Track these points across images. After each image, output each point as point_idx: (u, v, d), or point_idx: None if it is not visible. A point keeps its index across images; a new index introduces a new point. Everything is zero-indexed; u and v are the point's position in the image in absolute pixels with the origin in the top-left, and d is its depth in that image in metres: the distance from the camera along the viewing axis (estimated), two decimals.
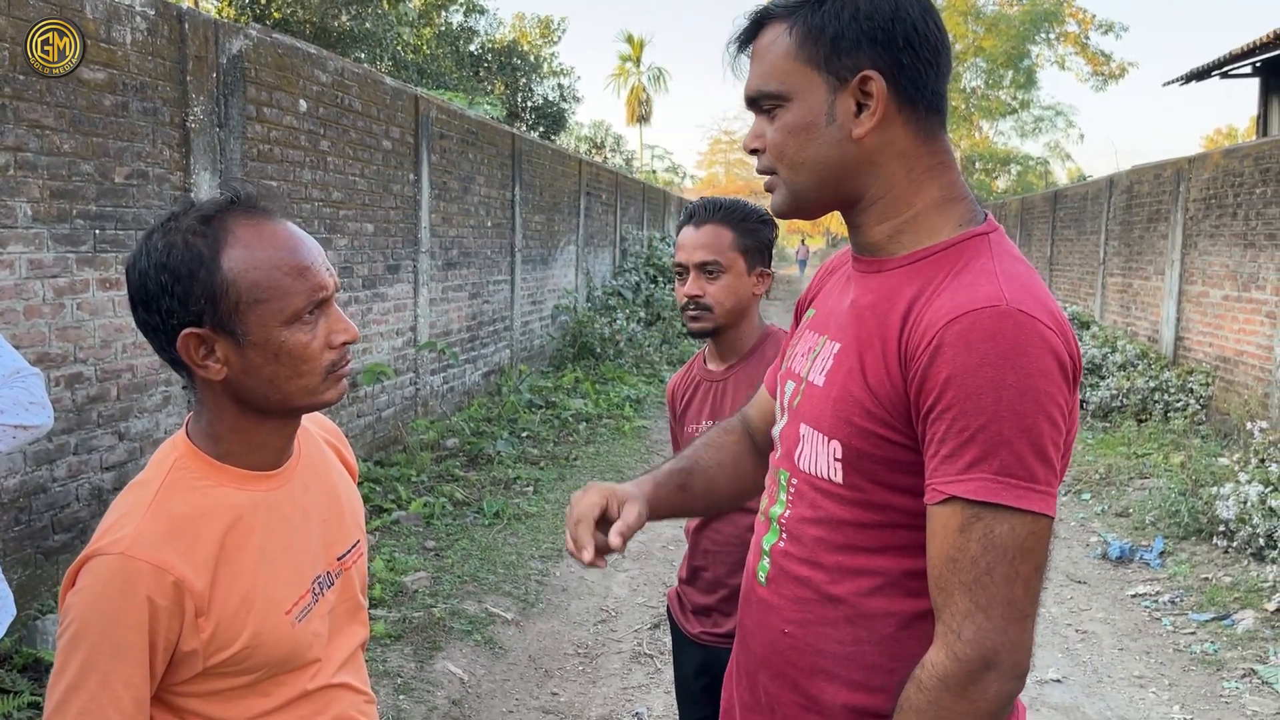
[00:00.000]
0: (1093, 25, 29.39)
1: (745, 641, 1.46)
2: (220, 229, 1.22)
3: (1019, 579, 1.13)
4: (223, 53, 4.94)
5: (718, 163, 61.22)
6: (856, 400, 1.25)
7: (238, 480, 1.30)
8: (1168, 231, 10.64)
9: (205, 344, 1.23)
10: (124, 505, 1.26)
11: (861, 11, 1.23)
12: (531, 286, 10.84)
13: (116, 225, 4.25)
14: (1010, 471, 1.12)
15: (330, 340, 1.28)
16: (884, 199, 1.29)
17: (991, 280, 1.18)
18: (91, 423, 4.17)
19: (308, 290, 1.25)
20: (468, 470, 7.08)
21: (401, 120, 7.26)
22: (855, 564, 1.28)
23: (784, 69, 1.27)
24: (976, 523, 1.13)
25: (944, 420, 1.15)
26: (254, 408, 1.28)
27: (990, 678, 1.14)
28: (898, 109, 1.25)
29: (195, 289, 1.20)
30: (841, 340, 1.32)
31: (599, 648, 4.54)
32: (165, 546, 1.21)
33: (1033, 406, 1.12)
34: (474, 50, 24.22)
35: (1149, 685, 4.26)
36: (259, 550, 1.29)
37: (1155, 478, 7.39)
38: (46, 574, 3.92)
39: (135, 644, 1.19)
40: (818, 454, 1.31)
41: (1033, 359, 1.13)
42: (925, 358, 1.17)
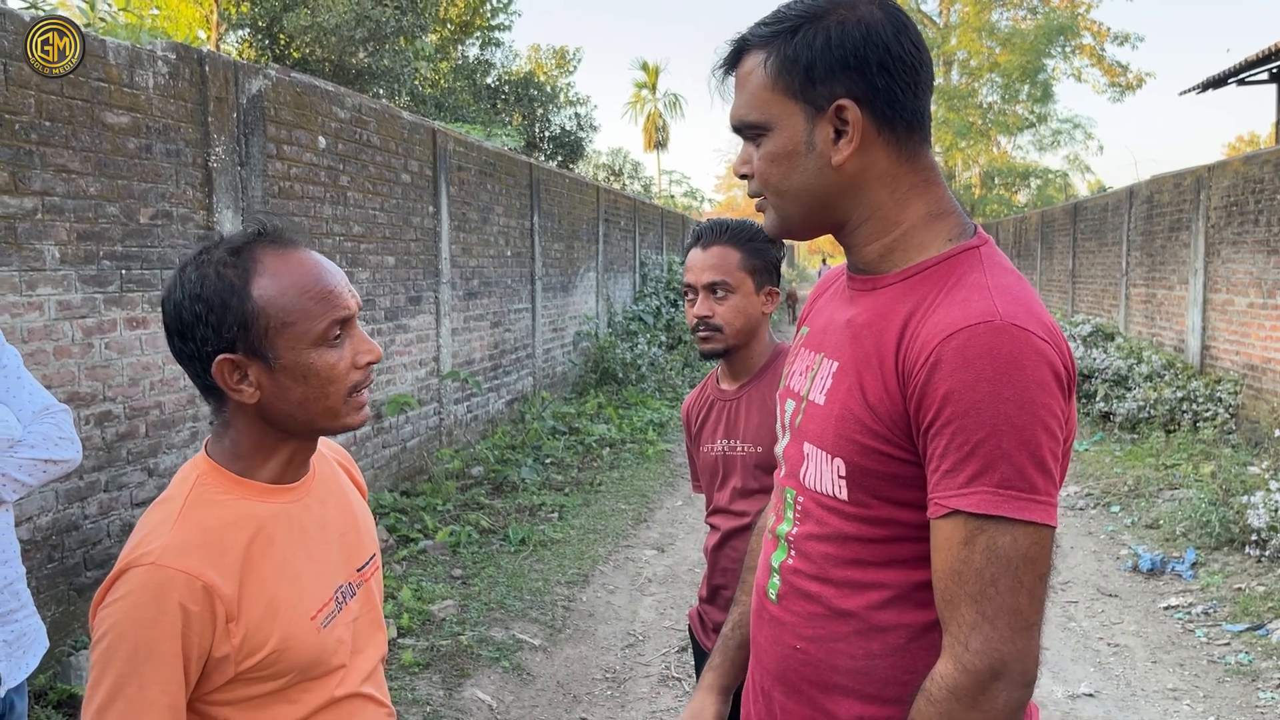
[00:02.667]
0: (1108, 37, 29.34)
1: (759, 658, 1.48)
2: (249, 259, 1.30)
3: (1023, 589, 1.15)
4: (243, 93, 5.04)
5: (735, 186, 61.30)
6: (857, 419, 1.27)
7: (258, 493, 1.35)
8: (1190, 240, 10.57)
9: (239, 369, 1.30)
10: (150, 521, 1.31)
11: (833, 40, 1.24)
12: (552, 314, 10.90)
13: (142, 265, 4.33)
14: (1011, 484, 1.14)
15: (355, 360, 1.34)
16: (870, 220, 1.32)
17: (984, 295, 1.20)
18: (121, 460, 4.23)
19: (332, 314, 1.31)
20: (493, 498, 7.11)
21: (419, 154, 7.35)
22: (864, 578, 1.30)
23: (763, 99, 1.29)
24: (980, 535, 1.15)
25: (944, 435, 1.17)
26: (280, 428, 1.35)
27: (999, 687, 1.16)
28: (876, 132, 1.27)
29: (228, 317, 1.27)
30: (839, 359, 1.34)
31: (627, 672, 4.54)
32: (194, 555, 1.25)
33: (1030, 419, 1.14)
34: (491, 82, 24.49)
35: (1183, 698, 4.21)
36: (281, 558, 1.34)
37: (1185, 488, 7.32)
38: (79, 610, 3.98)
39: (170, 651, 1.22)
40: (822, 472, 1.32)
41: (1028, 372, 1.15)
42: (923, 374, 1.19)
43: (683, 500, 7.64)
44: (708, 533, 2.46)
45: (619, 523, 6.83)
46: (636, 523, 6.92)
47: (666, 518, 7.13)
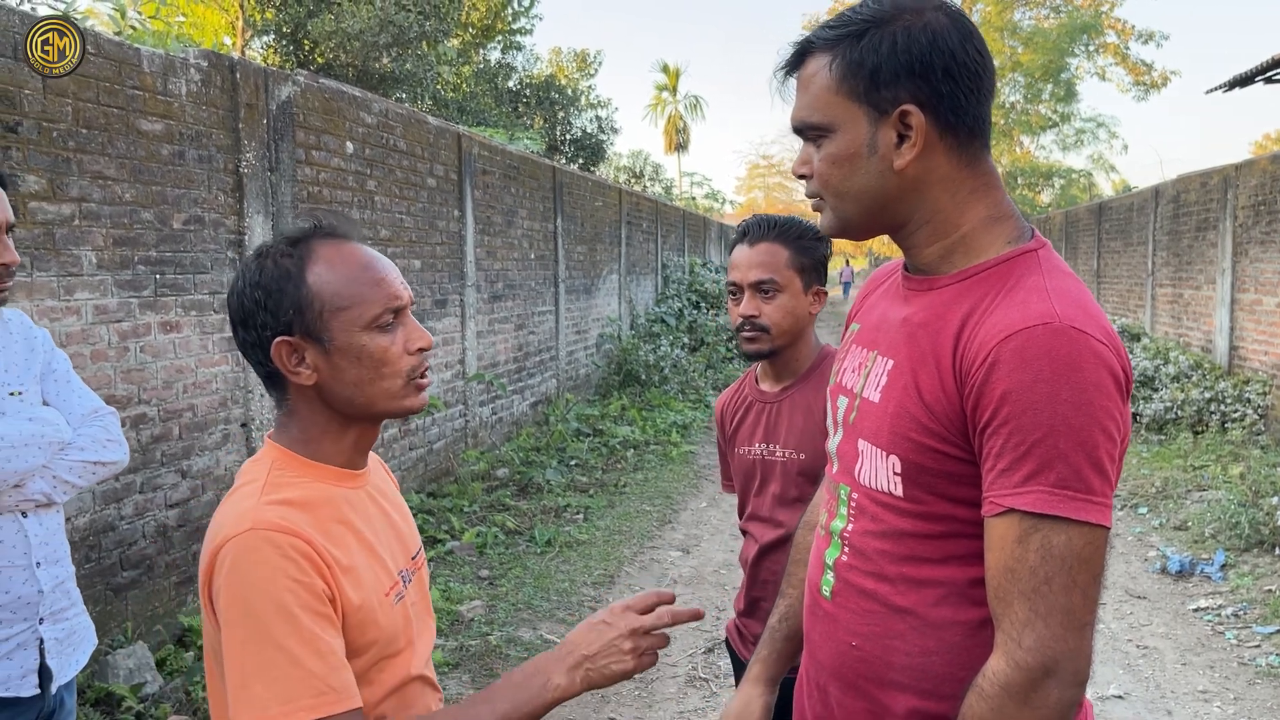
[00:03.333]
0: (1132, 35, 29.11)
1: (813, 654, 1.49)
2: (305, 250, 1.36)
3: (1077, 588, 1.16)
4: (272, 99, 5.10)
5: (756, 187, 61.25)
6: (913, 417, 1.28)
7: (331, 476, 1.39)
8: (1217, 240, 10.49)
9: (296, 351, 1.34)
10: (232, 503, 1.33)
11: (899, 45, 1.25)
12: (575, 316, 10.95)
13: (175, 270, 4.39)
14: (1067, 484, 1.15)
15: (408, 346, 1.38)
16: (930, 222, 1.33)
17: (1043, 297, 1.21)
18: (155, 462, 4.29)
19: (384, 298, 1.36)
20: (518, 499, 7.15)
21: (445, 158, 7.41)
22: (920, 575, 1.31)
23: (826, 101, 1.30)
24: (1034, 534, 1.16)
25: (1000, 435, 1.18)
26: (341, 412, 1.38)
27: (1051, 685, 1.17)
28: (939, 137, 1.28)
29: (284, 301, 1.33)
30: (894, 357, 1.35)
31: (654, 672, 4.56)
32: (287, 519, 1.28)
33: (1088, 420, 1.15)
34: (512, 86, 24.59)
35: (1214, 700, 4.19)
36: (356, 535, 1.37)
37: (1214, 490, 7.26)
38: (116, 610, 4.04)
39: (298, 600, 1.23)
40: (877, 469, 1.34)
41: (1087, 374, 1.16)
42: (981, 374, 1.20)
43: (707, 502, 7.66)
44: (744, 541, 2.40)
45: (644, 524, 6.85)
46: (661, 524, 6.95)
47: (691, 519, 7.15)
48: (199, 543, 4.54)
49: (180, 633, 4.32)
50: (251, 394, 4.92)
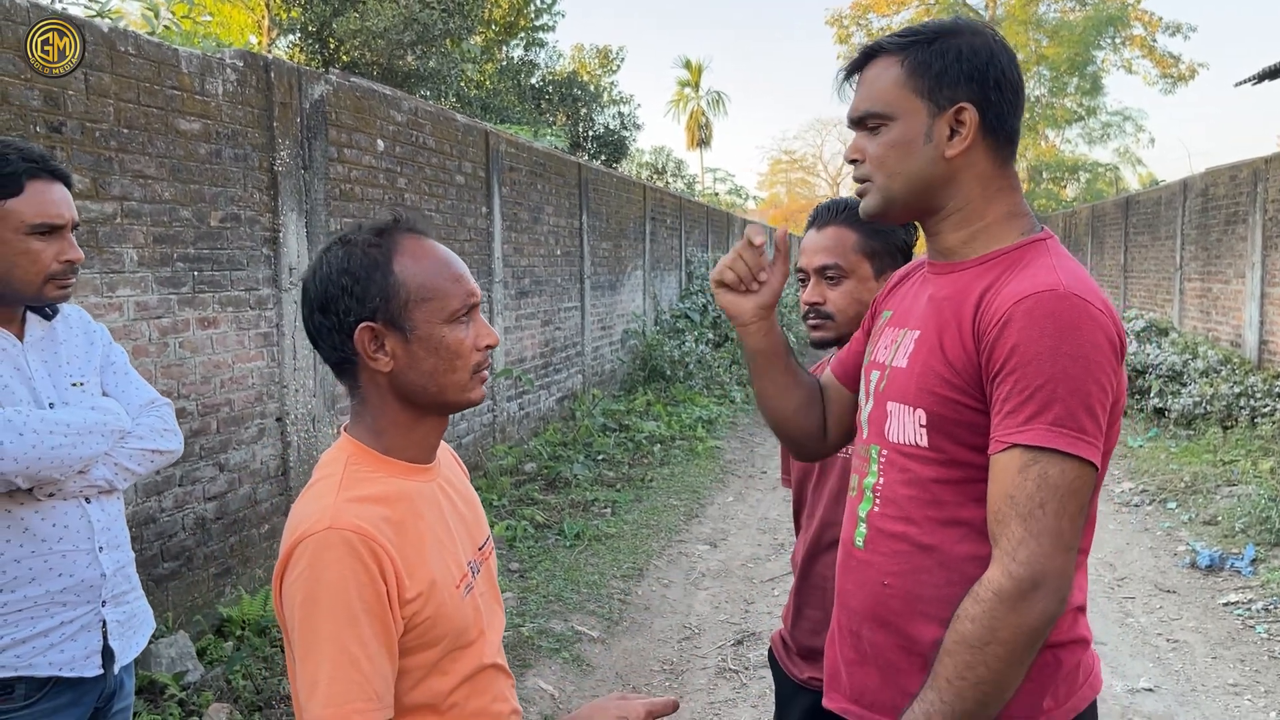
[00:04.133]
0: (1160, 27, 28.87)
1: (845, 603, 1.64)
2: (391, 241, 1.43)
3: (1065, 514, 1.35)
4: (305, 98, 5.18)
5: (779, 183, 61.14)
6: (937, 373, 1.48)
7: (402, 471, 1.45)
8: (1247, 233, 10.42)
9: (378, 338, 1.40)
10: (311, 497, 1.38)
11: (964, 54, 1.48)
12: (601, 312, 11.00)
13: (213, 267, 4.47)
14: (1063, 423, 1.34)
15: (477, 342, 1.45)
16: (961, 211, 1.54)
17: (1051, 272, 1.42)
18: (194, 455, 4.37)
19: (463, 294, 1.44)
20: (546, 494, 7.21)
21: (473, 155, 7.47)
22: (943, 516, 1.49)
23: (892, 94, 1.51)
24: (1034, 465, 1.35)
25: (1008, 382, 1.38)
26: (412, 402, 1.44)
27: (1038, 596, 1.34)
28: (982, 137, 1.50)
29: (372, 289, 1.39)
30: (921, 328, 1.55)
31: (684, 664, 4.61)
32: (362, 519, 1.33)
33: (1084, 373, 1.35)
34: (535, 83, 24.65)
35: (1244, 693, 4.19)
36: (428, 530, 1.43)
37: (1244, 484, 7.23)
38: (157, 600, 4.12)
39: (374, 598, 1.29)
40: (905, 425, 1.52)
41: (1085, 334, 1.36)
42: (996, 330, 1.40)
43: (734, 496, 7.69)
44: (796, 540, 2.29)
45: (671, 518, 6.90)
46: (688, 518, 6.99)
47: (718, 513, 7.19)
48: (236, 535, 4.62)
49: (219, 623, 4.40)
50: (286, 389, 4.99)
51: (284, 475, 5.02)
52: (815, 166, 59.68)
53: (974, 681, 1.36)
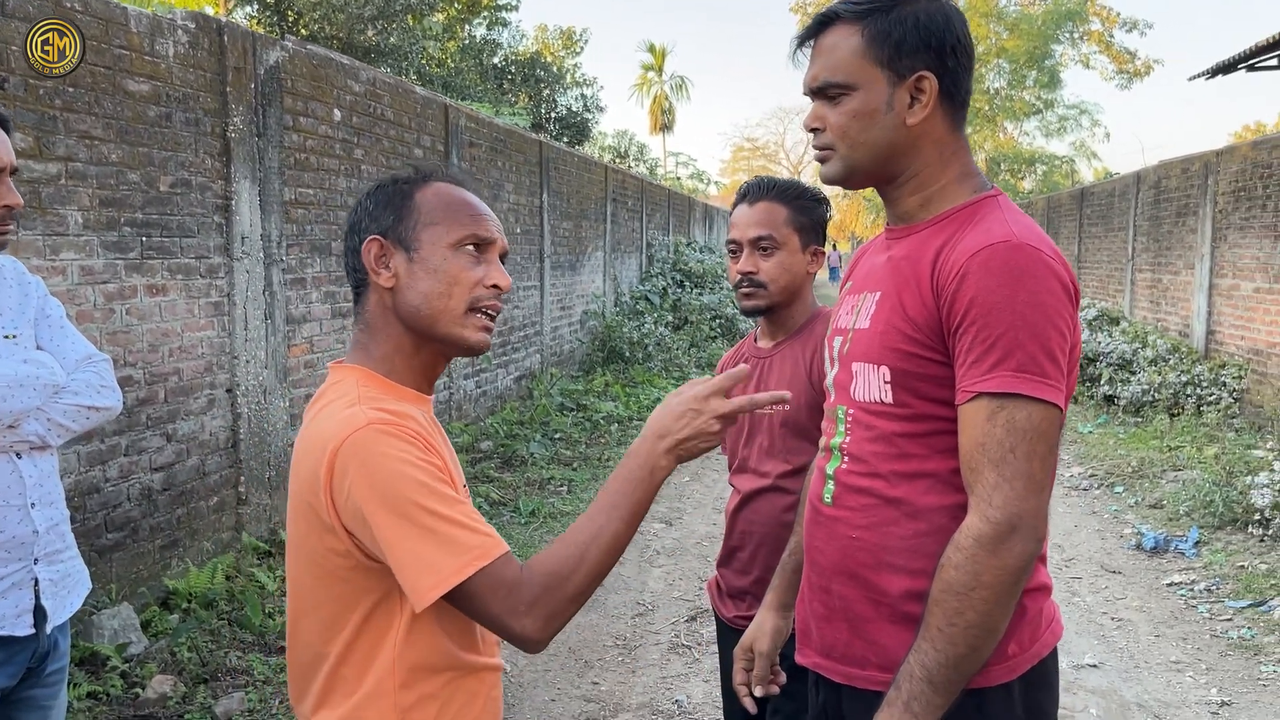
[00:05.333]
0: (1117, 23, 29.21)
1: (814, 561, 1.67)
2: (425, 178, 1.49)
3: (1036, 456, 1.38)
4: (260, 64, 5.07)
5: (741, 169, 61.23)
6: (899, 330, 1.50)
7: (408, 397, 1.45)
8: (1197, 225, 10.59)
9: (384, 254, 1.44)
10: (330, 413, 1.36)
11: (921, 21, 1.50)
12: (560, 292, 10.94)
13: (162, 233, 4.37)
14: (1026, 368, 1.38)
15: (485, 280, 1.45)
16: (919, 175, 1.57)
17: (1004, 225, 1.46)
18: (141, 425, 4.29)
19: (473, 226, 1.45)
20: (502, 472, 7.17)
21: (432, 129, 7.39)
22: (909, 469, 1.52)
23: (852, 64, 1.52)
24: (1000, 412, 1.38)
25: (969, 333, 1.41)
26: (410, 326, 1.44)
27: (1016, 539, 1.38)
28: (939, 103, 1.53)
29: (389, 209, 1.45)
30: (882, 289, 1.58)
31: (637, 640, 4.61)
32: (397, 413, 1.34)
33: (1042, 318, 1.38)
34: (497, 63, 24.44)
35: (1186, 670, 4.28)
36: (441, 451, 1.42)
37: (1189, 470, 7.37)
38: (100, 571, 4.04)
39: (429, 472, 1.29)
40: (869, 383, 1.55)
41: (1040, 280, 1.40)
42: (953, 284, 1.43)
43: (690, 476, 7.70)
44: (730, 494, 2.45)
45: None
46: None
47: (674, 493, 7.19)
48: (184, 507, 4.54)
49: (165, 595, 4.33)
50: (237, 360, 4.91)
51: (234, 447, 4.94)
52: (777, 154, 59.88)
53: (964, 626, 1.39)
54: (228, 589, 4.44)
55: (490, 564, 1.27)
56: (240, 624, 4.21)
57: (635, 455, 1.42)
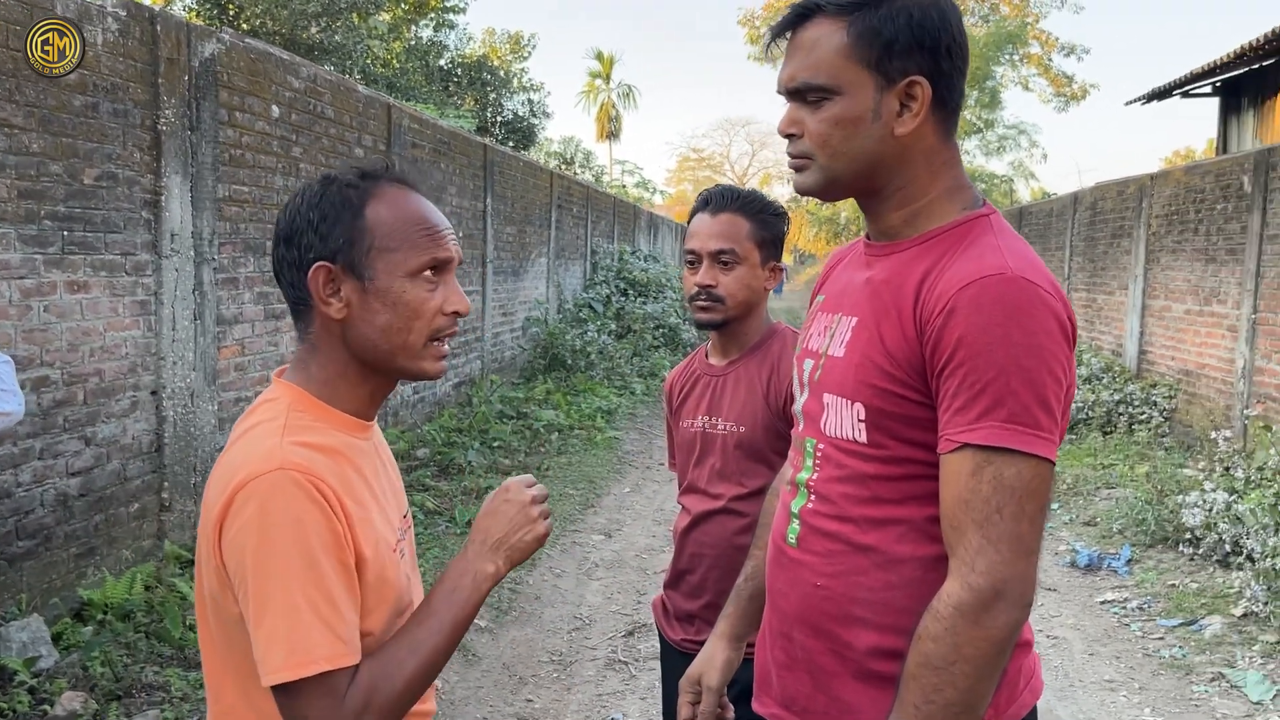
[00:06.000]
0: (1055, 47, 29.85)
1: (776, 604, 1.54)
2: (371, 185, 1.34)
3: (1025, 517, 1.25)
4: (195, 56, 4.90)
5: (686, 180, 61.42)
6: (876, 365, 1.36)
7: (345, 425, 1.35)
8: (1131, 247, 10.80)
9: (334, 280, 1.31)
10: (251, 440, 1.27)
11: (914, 19, 1.34)
12: (502, 298, 10.81)
13: (85, 227, 4.19)
14: (1017, 419, 1.24)
15: (444, 307, 1.35)
16: (905, 188, 1.41)
17: (996, 253, 1.31)
18: (57, 427, 4.09)
19: (433, 249, 1.34)
20: (439, 480, 7.03)
21: (374, 128, 7.23)
22: (881, 514, 1.39)
23: (836, 65, 1.36)
24: (987, 466, 1.25)
25: (956, 376, 1.27)
26: (361, 359, 1.34)
27: (1001, 607, 1.25)
28: (931, 109, 1.37)
29: (338, 228, 1.31)
30: (858, 314, 1.43)
31: (573, 655, 4.51)
32: (311, 463, 1.24)
33: (1037, 362, 1.25)
34: (444, 65, 24.18)
35: (1119, 689, 4.30)
36: (366, 487, 1.33)
37: (1121, 487, 7.48)
38: (10, 581, 3.84)
39: (323, 545, 1.20)
40: (842, 418, 1.41)
41: (1036, 320, 1.25)
42: (940, 320, 1.29)
43: (630, 487, 7.63)
44: (678, 513, 2.36)
45: (566, 508, 6.79)
46: (584, 508, 6.90)
47: (614, 504, 7.11)
48: (101, 513, 4.35)
49: (79, 606, 4.14)
50: (164, 361, 4.73)
51: (158, 451, 4.75)
52: (722, 166, 60.21)
53: (942, 704, 1.26)
54: (146, 600, 4.26)
55: (330, 673, 1.18)
56: (159, 637, 4.03)
57: (457, 564, 1.35)
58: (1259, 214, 7.98)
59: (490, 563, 1.36)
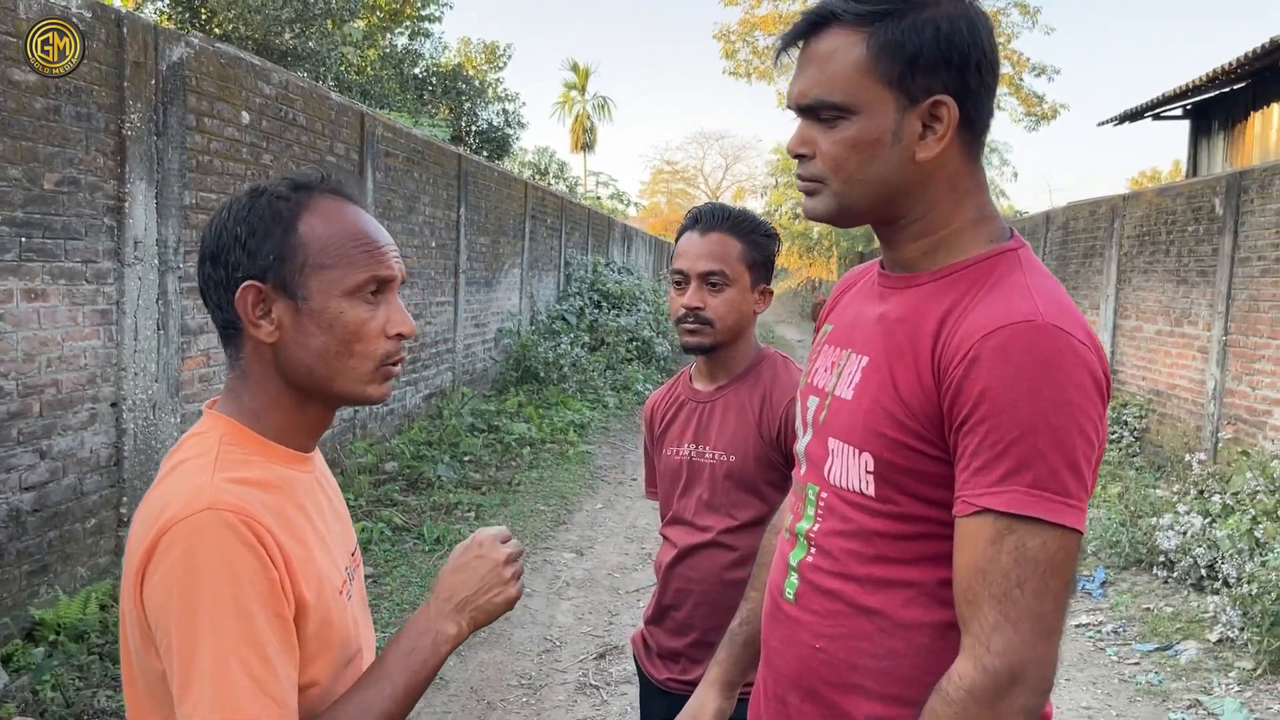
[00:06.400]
0: (1027, 68, 30.14)
1: (771, 661, 1.43)
2: (304, 198, 1.24)
3: (1048, 593, 1.12)
4: (163, 60, 4.78)
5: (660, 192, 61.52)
6: (888, 413, 1.25)
7: (283, 458, 1.25)
8: (1103, 267, 10.86)
9: (264, 301, 1.21)
10: (178, 478, 1.16)
11: (942, 32, 1.21)
12: (475, 309, 10.70)
13: (44, 234, 4.05)
14: (1044, 485, 1.12)
15: (388, 329, 1.24)
16: (925, 217, 1.29)
17: (1026, 295, 1.18)
18: (11, 440, 3.95)
19: (374, 266, 1.23)
20: (407, 495, 6.91)
21: (346, 137, 7.12)
22: (888, 575, 1.27)
23: (853, 81, 1.23)
24: (1009, 535, 1.13)
25: (978, 432, 1.15)
26: (297, 385, 1.24)
27: (1017, 692, 1.13)
28: (957, 131, 1.25)
29: (267, 244, 1.20)
30: (869, 354, 1.31)
31: (543, 678, 4.41)
32: (244, 501, 1.13)
33: (1068, 421, 1.12)
34: (418, 73, 24.06)
35: (1097, 716, 4.25)
36: (309, 525, 1.23)
37: (1094, 508, 7.47)
38: None
39: (256, 594, 1.09)
40: (848, 467, 1.29)
41: (1069, 373, 1.13)
42: (960, 369, 1.17)
43: (603, 503, 7.54)
44: (661, 545, 2.26)
45: (537, 524, 6.69)
46: (555, 525, 6.79)
47: (586, 520, 7.02)
48: (56, 529, 4.20)
49: (30, 626, 3.99)
50: (125, 372, 4.59)
51: (117, 465, 4.60)
52: (696, 179, 60.38)
53: None
54: (101, 620, 4.12)
55: None
56: (113, 659, 3.89)
57: (416, 621, 1.25)
58: (1230, 236, 8.03)
59: (453, 623, 1.27)
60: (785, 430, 2.04)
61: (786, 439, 2.04)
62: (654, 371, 14.24)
